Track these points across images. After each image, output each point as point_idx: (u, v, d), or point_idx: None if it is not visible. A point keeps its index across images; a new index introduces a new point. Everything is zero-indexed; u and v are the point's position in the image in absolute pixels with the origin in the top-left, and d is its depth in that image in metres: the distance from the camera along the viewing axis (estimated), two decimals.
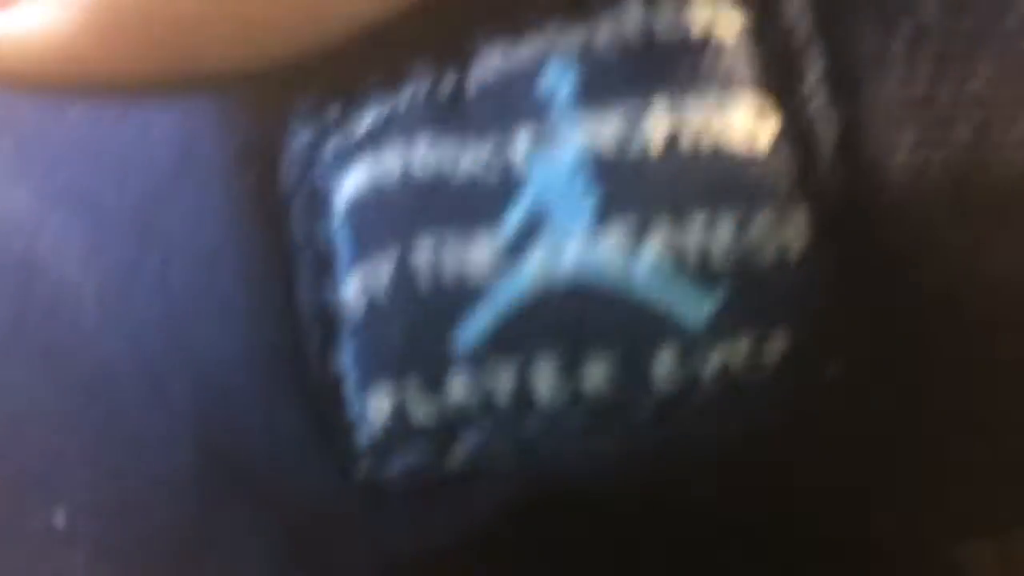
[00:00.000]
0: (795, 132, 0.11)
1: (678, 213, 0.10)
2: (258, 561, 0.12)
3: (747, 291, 0.11)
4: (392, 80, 0.12)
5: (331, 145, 0.12)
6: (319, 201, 0.12)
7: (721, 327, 0.11)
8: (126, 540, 0.12)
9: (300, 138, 0.12)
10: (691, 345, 0.11)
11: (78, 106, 0.13)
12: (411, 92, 0.12)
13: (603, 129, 0.11)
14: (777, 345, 0.11)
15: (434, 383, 0.11)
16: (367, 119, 0.12)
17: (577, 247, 0.11)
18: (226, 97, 0.12)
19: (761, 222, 0.11)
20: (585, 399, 0.11)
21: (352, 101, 0.12)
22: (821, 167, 0.11)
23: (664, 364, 0.11)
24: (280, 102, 0.12)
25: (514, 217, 0.11)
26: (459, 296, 0.11)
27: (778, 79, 0.11)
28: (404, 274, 0.11)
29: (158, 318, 0.12)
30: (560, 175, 0.11)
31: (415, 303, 0.11)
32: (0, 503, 0.12)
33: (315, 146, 0.12)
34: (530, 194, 0.11)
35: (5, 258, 0.12)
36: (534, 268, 0.11)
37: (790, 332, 0.11)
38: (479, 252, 0.11)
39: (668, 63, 0.11)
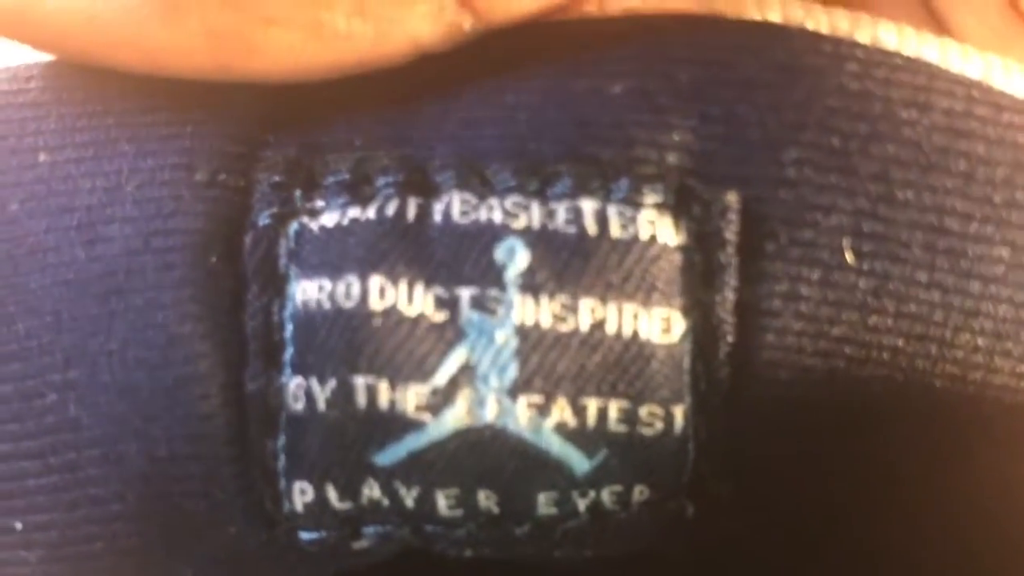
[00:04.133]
0: (699, 336, 0.13)
1: (576, 399, 0.13)
2: None
3: (622, 456, 0.13)
4: (356, 179, 0.13)
5: (291, 229, 0.13)
6: (276, 288, 0.13)
7: (598, 478, 0.13)
8: (73, 551, 0.13)
9: (262, 217, 0.13)
10: (572, 487, 0.13)
11: (47, 153, 0.13)
12: (377, 208, 0.13)
13: (538, 312, 0.12)
14: (641, 492, 0.13)
15: (350, 489, 0.13)
16: (329, 214, 0.13)
17: (495, 404, 0.13)
18: (193, 170, 0.13)
19: (645, 413, 0.13)
20: (478, 514, 0.13)
21: (314, 186, 0.13)
22: (712, 368, 0.13)
23: (547, 498, 0.13)
24: (245, 177, 0.13)
25: (448, 367, 0.12)
26: (390, 426, 0.13)
27: (697, 289, 0.13)
28: (342, 396, 0.12)
29: (118, 388, 0.13)
30: (493, 343, 0.12)
31: (347, 423, 0.13)
32: None
33: (276, 228, 0.13)
34: (464, 351, 0.12)
35: None
36: (458, 415, 0.12)
37: (652, 485, 0.13)
38: (413, 396, 0.12)
39: (610, 259, 0.12)
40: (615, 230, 0.12)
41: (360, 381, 0.12)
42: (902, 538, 0.14)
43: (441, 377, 0.12)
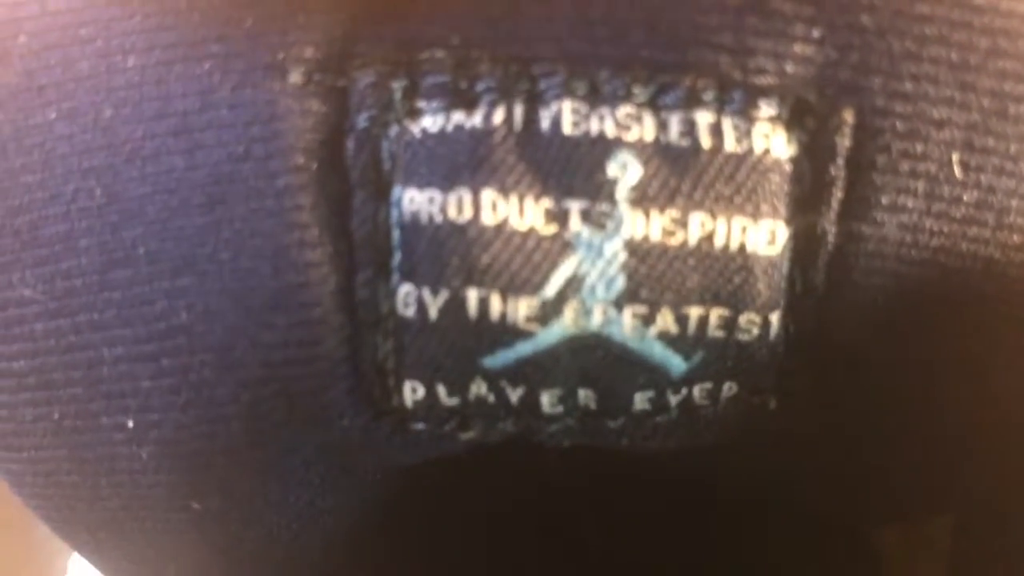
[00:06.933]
0: (801, 245, 0.13)
1: (680, 308, 0.13)
2: (295, 469, 0.15)
3: (717, 358, 0.13)
4: (456, 81, 0.12)
5: (392, 132, 0.13)
6: (382, 194, 0.13)
7: (691, 377, 0.14)
8: (185, 449, 0.14)
9: (360, 120, 0.13)
10: (667, 386, 0.14)
11: (136, 56, 0.12)
12: (482, 115, 0.12)
13: (648, 227, 0.12)
14: (730, 388, 0.14)
15: (458, 387, 0.13)
16: (431, 117, 0.12)
17: (600, 313, 0.13)
18: (286, 72, 0.12)
19: (744, 321, 0.13)
20: (576, 410, 0.14)
21: (412, 87, 0.13)
22: (810, 275, 0.13)
23: (643, 396, 0.14)
24: (342, 77, 0.13)
25: (556, 280, 0.13)
26: (500, 335, 0.13)
27: (804, 201, 0.13)
28: (454, 307, 0.13)
29: (228, 296, 0.13)
30: (601, 256, 0.13)
31: (458, 330, 0.13)
32: (78, 408, 0.14)
33: (377, 131, 0.13)
34: (573, 263, 0.13)
35: (86, 214, 0.13)
36: (566, 325, 0.13)
37: (741, 382, 0.14)
38: (523, 307, 0.13)
39: (723, 173, 0.12)
40: (730, 144, 0.12)
41: (472, 293, 0.13)
42: (967, 438, 0.14)
43: (550, 289, 0.13)
